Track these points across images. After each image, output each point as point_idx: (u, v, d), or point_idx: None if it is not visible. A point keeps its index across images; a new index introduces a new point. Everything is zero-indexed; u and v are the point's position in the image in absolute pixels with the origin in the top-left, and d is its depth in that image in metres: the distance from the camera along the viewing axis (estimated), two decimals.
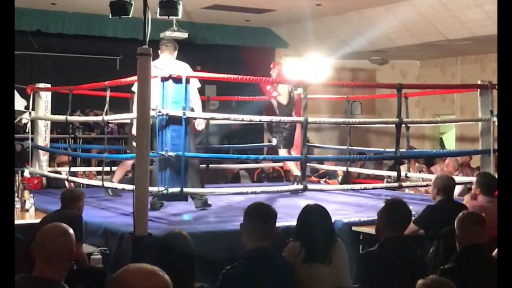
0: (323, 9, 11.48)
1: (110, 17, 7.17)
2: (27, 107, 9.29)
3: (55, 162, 10.01)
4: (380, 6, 11.25)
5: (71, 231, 3.24)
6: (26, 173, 8.32)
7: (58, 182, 9.04)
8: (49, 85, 9.33)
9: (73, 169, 9.12)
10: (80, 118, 11.17)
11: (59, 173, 9.15)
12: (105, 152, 7.91)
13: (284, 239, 4.46)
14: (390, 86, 8.95)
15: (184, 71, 6.93)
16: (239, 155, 8.54)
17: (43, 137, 9.25)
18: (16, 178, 7.20)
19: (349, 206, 7.58)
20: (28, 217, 6.61)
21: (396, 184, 7.80)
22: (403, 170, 8.83)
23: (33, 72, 12.46)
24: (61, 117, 8.77)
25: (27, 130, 9.31)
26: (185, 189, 6.62)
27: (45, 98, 9.21)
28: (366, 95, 13.50)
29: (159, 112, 6.48)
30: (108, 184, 7.60)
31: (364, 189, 8.38)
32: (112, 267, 5.23)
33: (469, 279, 3.77)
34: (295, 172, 9.00)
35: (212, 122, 9.47)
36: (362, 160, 11.23)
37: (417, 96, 12.12)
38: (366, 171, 10.81)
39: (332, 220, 4.66)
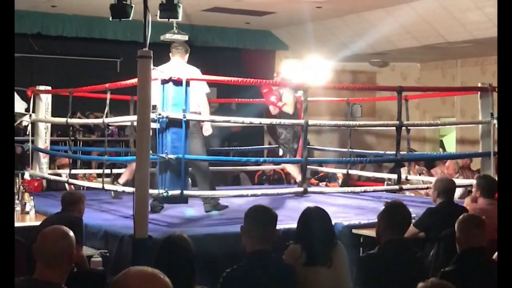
0: (323, 11, 11.49)
1: (110, 19, 7.18)
2: (27, 110, 9.29)
3: (56, 165, 10.01)
4: (380, 9, 11.25)
5: (71, 233, 3.24)
6: (27, 176, 8.30)
7: (58, 185, 9.04)
8: (49, 88, 9.31)
9: (74, 171, 9.11)
10: (81, 120, 11.17)
11: (60, 175, 9.14)
12: (106, 155, 7.92)
13: (284, 241, 4.46)
14: (390, 89, 8.94)
15: (192, 75, 6.93)
16: (239, 158, 8.54)
17: (44, 140, 9.25)
18: (17, 180, 7.19)
19: (349, 209, 7.57)
20: (28, 219, 6.60)
21: (397, 187, 7.78)
22: (404, 173, 8.83)
23: (34, 74, 12.47)
24: (62, 120, 8.77)
25: (27, 133, 9.31)
26: (185, 192, 6.62)
27: (46, 101, 9.20)
28: (366, 97, 13.52)
29: (159, 114, 6.48)
30: (109, 186, 7.60)
31: (365, 191, 8.38)
32: (112, 269, 5.23)
33: (469, 282, 3.76)
34: (296, 177, 9.01)
35: (212, 124, 9.45)
36: (363, 163, 11.23)
37: (417, 98, 12.13)
38: (367, 173, 10.81)
39: (332, 223, 4.66)
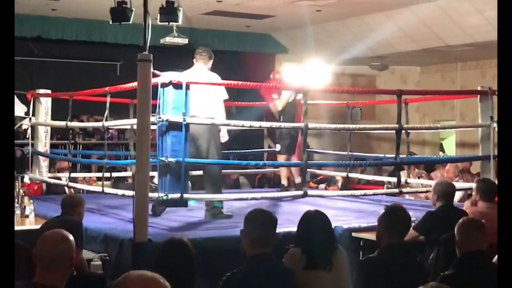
0: (323, 15, 11.49)
1: (110, 23, 7.18)
2: (27, 113, 9.30)
3: (55, 168, 10.01)
4: (380, 12, 11.26)
5: (71, 237, 3.23)
6: (26, 179, 8.31)
7: (58, 188, 9.03)
8: (49, 91, 9.32)
9: (73, 175, 9.11)
10: (80, 124, 11.17)
11: (59, 179, 9.14)
12: (105, 158, 7.92)
13: (284, 245, 4.45)
14: (390, 92, 8.94)
15: (201, 80, 7.01)
16: (239, 161, 8.52)
17: (43, 143, 9.25)
18: (16, 184, 7.19)
19: (349, 212, 7.57)
20: (28, 223, 6.59)
21: (396, 190, 7.78)
22: (403, 176, 8.83)
23: (34, 78, 12.47)
24: (61, 123, 8.77)
25: (27, 136, 9.31)
26: (185, 195, 6.62)
27: (45, 104, 9.21)
28: (366, 101, 13.50)
29: (159, 118, 6.48)
30: (109, 190, 7.59)
31: (364, 195, 8.38)
32: (112, 273, 5.22)
33: (469, 285, 3.76)
34: (283, 180, 9.03)
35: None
36: (362, 166, 11.22)
37: (417, 102, 12.12)
38: (366, 177, 10.79)
39: (332, 227, 4.66)
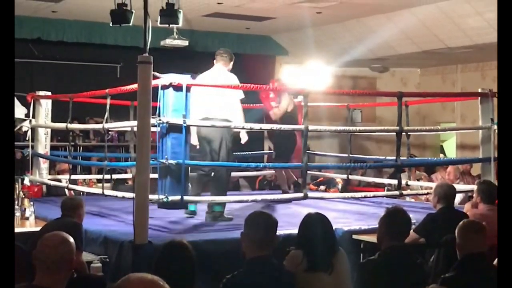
0: (324, 17, 11.50)
1: (110, 25, 7.18)
2: (27, 115, 9.30)
3: (55, 170, 10.01)
4: (380, 14, 11.26)
5: (71, 239, 3.23)
6: (26, 181, 8.30)
7: (58, 190, 9.03)
8: (49, 93, 9.32)
9: (73, 177, 9.10)
10: (81, 125, 11.16)
11: (59, 181, 9.14)
12: (105, 160, 7.92)
13: (284, 247, 4.45)
14: (390, 94, 8.93)
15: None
16: (239, 163, 8.52)
17: (43, 145, 9.25)
18: (16, 186, 7.18)
19: (349, 214, 7.56)
20: (28, 225, 6.59)
21: (397, 192, 7.77)
22: (404, 178, 8.82)
23: (34, 80, 12.47)
24: (62, 125, 8.77)
25: (27, 138, 9.31)
26: (185, 197, 6.61)
27: (46, 106, 9.21)
28: (366, 103, 13.51)
29: (160, 120, 6.48)
30: (109, 192, 7.58)
31: (365, 197, 8.37)
32: (112, 275, 5.22)
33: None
34: (282, 184, 8.99)
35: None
36: (363, 168, 11.22)
37: (417, 104, 12.11)
38: (367, 179, 10.80)
39: (333, 229, 4.65)
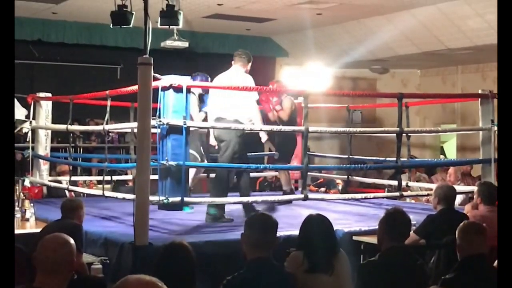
0: (324, 18, 11.50)
1: (111, 26, 7.19)
2: (27, 116, 9.30)
3: (56, 171, 10.01)
4: (380, 16, 11.26)
5: (71, 241, 3.22)
6: (27, 183, 8.30)
7: (58, 192, 9.02)
8: (49, 94, 9.32)
9: (74, 178, 9.10)
10: (81, 127, 11.17)
11: (60, 182, 9.14)
12: (106, 161, 7.92)
13: (285, 249, 4.45)
14: (390, 96, 8.94)
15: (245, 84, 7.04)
16: (239, 165, 8.51)
17: (44, 146, 9.25)
18: (17, 187, 7.19)
19: (350, 216, 7.56)
20: (29, 226, 6.58)
21: (397, 194, 7.77)
22: (404, 179, 8.81)
23: (34, 81, 12.48)
24: (62, 126, 8.77)
25: (27, 139, 9.31)
26: (186, 199, 6.61)
27: (46, 107, 9.21)
28: (366, 104, 13.51)
29: (160, 121, 6.48)
30: (109, 193, 7.58)
31: (365, 198, 8.37)
32: (113, 277, 5.21)
33: None
34: (284, 185, 8.97)
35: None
36: (363, 169, 11.21)
37: (417, 105, 12.12)
38: (367, 180, 10.79)
39: (334, 230, 4.65)
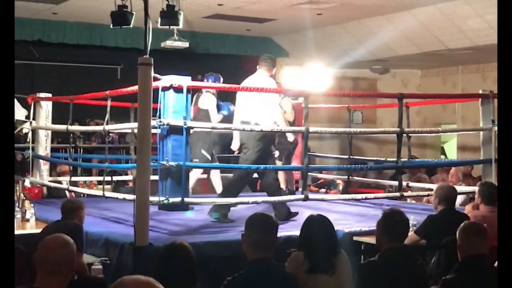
0: (324, 18, 11.50)
1: (111, 27, 7.19)
2: (28, 117, 9.30)
3: (56, 172, 10.00)
4: (381, 16, 11.26)
5: (72, 242, 3.22)
6: (27, 183, 8.30)
7: (59, 192, 9.02)
8: (50, 95, 9.32)
9: (74, 178, 9.10)
10: (81, 127, 11.17)
11: (60, 182, 9.14)
12: (106, 162, 7.92)
13: (285, 249, 4.44)
14: (391, 96, 8.93)
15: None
16: (240, 165, 8.51)
17: (44, 147, 9.25)
18: (17, 188, 7.18)
19: (350, 216, 7.56)
20: (29, 227, 6.57)
21: (398, 194, 7.76)
22: (405, 180, 8.81)
23: (34, 81, 12.50)
24: (62, 127, 8.77)
25: (28, 140, 9.31)
26: (186, 199, 6.61)
27: (46, 108, 9.21)
28: (367, 104, 13.51)
29: (160, 121, 6.48)
30: (109, 193, 7.58)
31: (366, 198, 8.36)
32: (113, 277, 5.20)
33: None
34: (281, 183, 8.97)
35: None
36: (363, 170, 11.21)
37: (418, 105, 12.11)
38: (367, 180, 10.79)
39: (335, 231, 4.65)
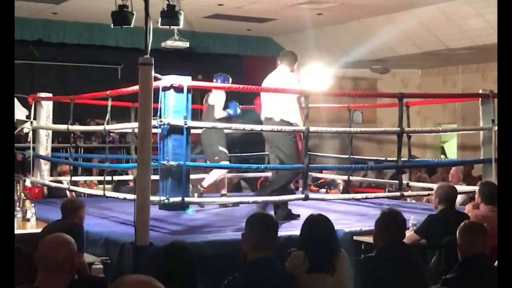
0: (324, 18, 11.50)
1: (111, 26, 7.19)
2: (28, 117, 9.31)
3: (57, 172, 10.01)
4: (381, 15, 11.26)
5: (72, 241, 3.23)
6: (27, 183, 8.31)
7: (59, 192, 9.03)
8: (50, 95, 9.33)
9: (75, 178, 9.11)
10: (82, 127, 11.17)
11: (61, 182, 9.14)
12: (107, 162, 7.93)
13: (286, 249, 4.45)
14: (391, 96, 8.93)
15: (289, 85, 7.05)
16: (240, 165, 8.54)
17: (45, 147, 9.26)
18: (17, 187, 7.19)
19: (350, 216, 7.55)
20: (29, 226, 6.58)
21: (398, 194, 7.77)
22: (405, 179, 8.80)
23: (35, 81, 12.51)
24: (63, 127, 8.78)
25: (28, 140, 9.32)
26: (186, 199, 6.62)
27: (47, 108, 9.21)
28: (367, 104, 13.51)
29: (161, 121, 6.48)
30: (110, 193, 7.58)
31: (366, 198, 8.36)
32: (113, 277, 5.21)
33: None
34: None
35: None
36: (364, 169, 11.21)
37: (418, 105, 12.10)
38: (368, 180, 10.78)
39: (335, 230, 4.65)
